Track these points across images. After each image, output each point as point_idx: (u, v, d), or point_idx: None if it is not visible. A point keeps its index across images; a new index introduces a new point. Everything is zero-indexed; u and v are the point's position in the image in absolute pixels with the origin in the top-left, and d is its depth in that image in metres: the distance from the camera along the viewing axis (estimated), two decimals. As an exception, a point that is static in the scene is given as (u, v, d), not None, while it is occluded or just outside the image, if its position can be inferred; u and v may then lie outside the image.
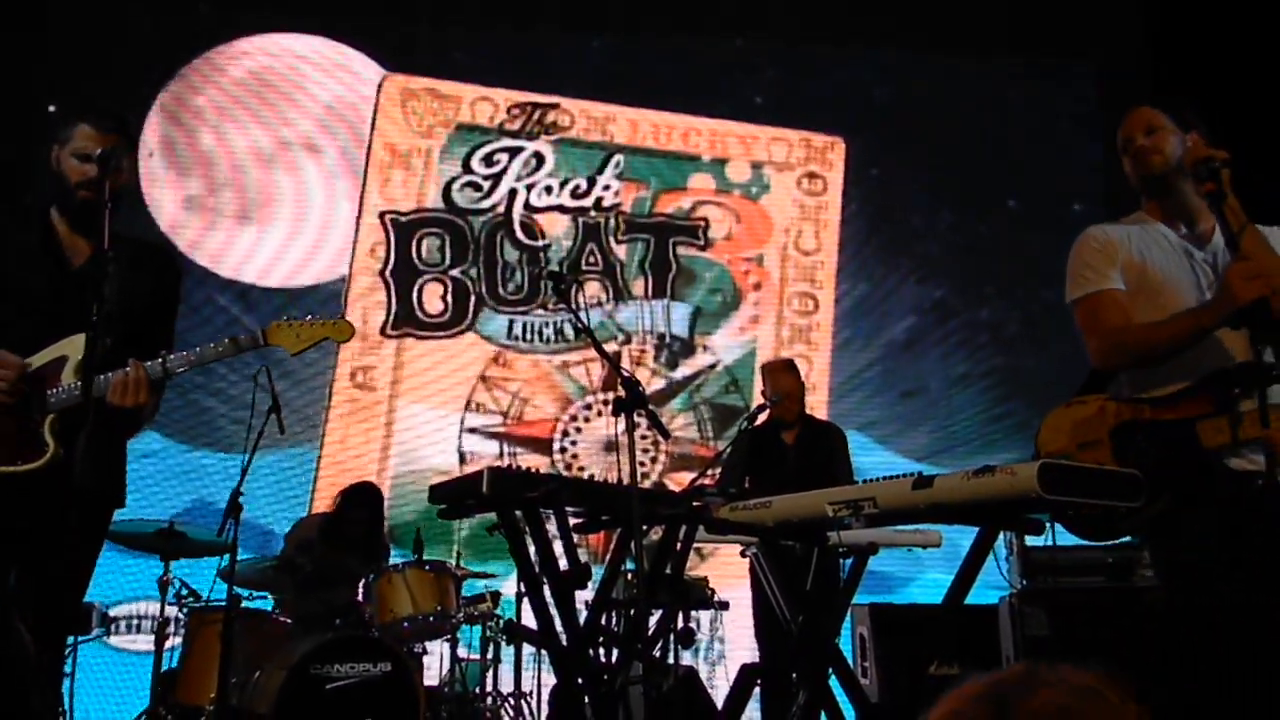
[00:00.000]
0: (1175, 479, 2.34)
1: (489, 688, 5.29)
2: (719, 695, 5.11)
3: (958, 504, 2.50)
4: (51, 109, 5.93)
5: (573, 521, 3.24)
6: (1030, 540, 4.55)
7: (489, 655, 5.31)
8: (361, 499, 5.31)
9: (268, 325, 2.70)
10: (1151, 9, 7.59)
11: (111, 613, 5.76)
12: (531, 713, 5.31)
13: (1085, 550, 4.65)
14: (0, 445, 2.46)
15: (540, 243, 6.93)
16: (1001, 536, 3.09)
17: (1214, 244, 2.52)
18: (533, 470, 3.03)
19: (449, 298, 6.77)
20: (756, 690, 3.69)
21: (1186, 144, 2.53)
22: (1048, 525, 2.64)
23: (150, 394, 2.53)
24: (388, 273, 6.73)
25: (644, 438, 6.02)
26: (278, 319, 2.74)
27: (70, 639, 4.35)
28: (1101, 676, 0.88)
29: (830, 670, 3.05)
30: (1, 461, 2.46)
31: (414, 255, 6.78)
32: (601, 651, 3.17)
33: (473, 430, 6.61)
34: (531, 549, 3.12)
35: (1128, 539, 2.92)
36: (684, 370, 6.92)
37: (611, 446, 6.36)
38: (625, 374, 3.08)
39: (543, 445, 6.66)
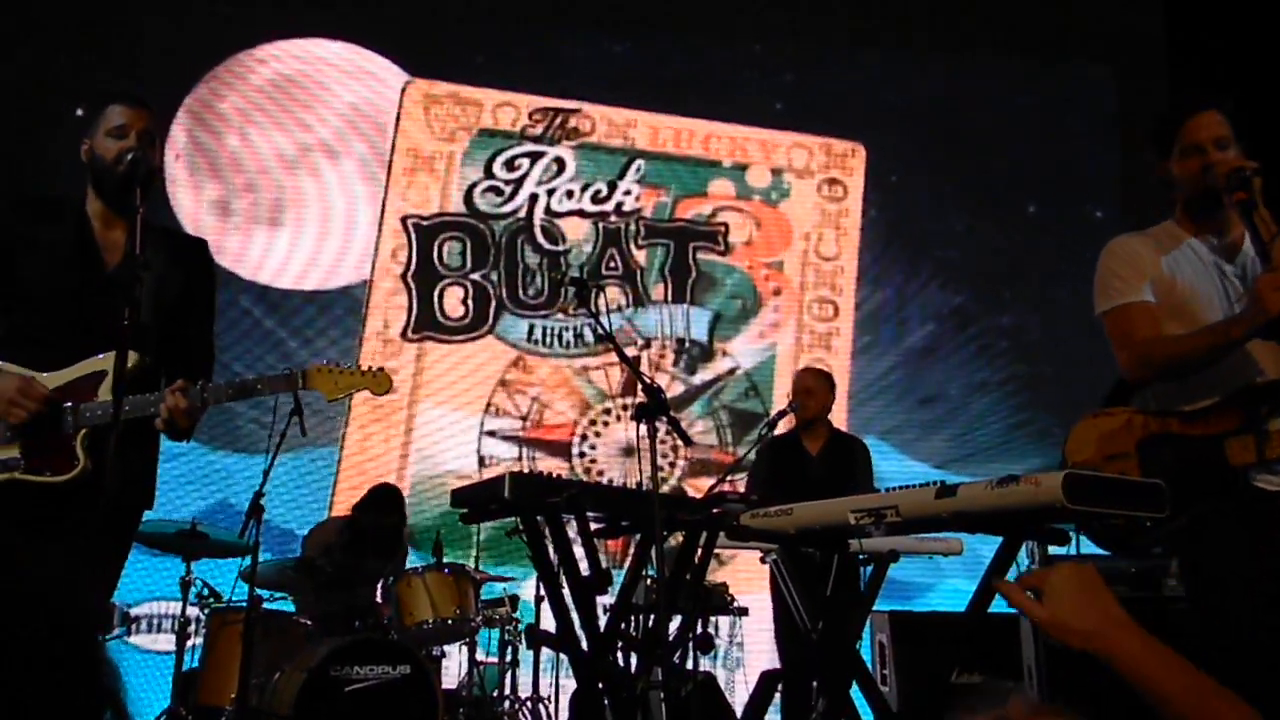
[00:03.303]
0: (1201, 495, 2.31)
1: (507, 691, 5.30)
2: (738, 701, 5.11)
3: (981, 513, 2.49)
4: (79, 112, 5.98)
5: (593, 526, 3.25)
6: (1053, 549, 4.52)
7: (508, 659, 5.32)
8: (388, 504, 5.30)
9: (308, 367, 2.71)
10: (1172, 14, 7.56)
11: (133, 612, 5.80)
12: (550, 717, 5.31)
13: (1109, 560, 4.62)
14: (34, 457, 2.49)
15: (561, 247, 6.95)
16: (1025, 545, 3.08)
17: (1243, 255, 2.48)
18: (554, 475, 3.04)
19: (469, 302, 6.79)
20: (777, 697, 3.68)
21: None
22: (1073, 536, 2.62)
23: (193, 419, 2.56)
24: (409, 276, 6.76)
25: (663, 442, 6.03)
26: (321, 361, 2.75)
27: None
28: None
29: (851, 677, 3.04)
30: (34, 472, 2.49)
31: (435, 259, 6.80)
32: (621, 657, 3.17)
33: (492, 434, 6.63)
34: (552, 553, 3.14)
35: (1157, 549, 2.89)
36: (703, 375, 6.92)
37: (630, 451, 6.38)
38: (647, 381, 3.08)
39: (562, 449, 6.67)
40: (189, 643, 4.61)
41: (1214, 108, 2.53)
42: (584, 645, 3.09)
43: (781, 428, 5.07)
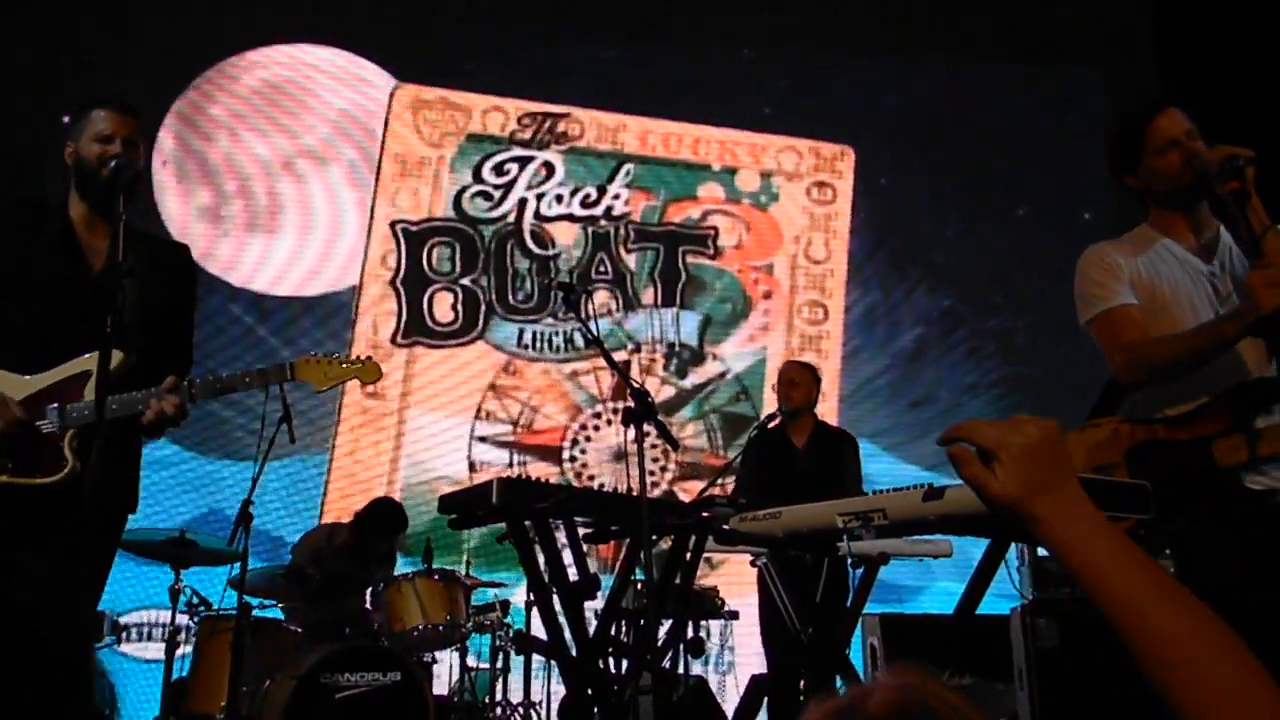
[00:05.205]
0: (1190, 499, 2.31)
1: (498, 697, 5.28)
2: (729, 705, 5.10)
3: (968, 516, 2.49)
4: (66, 119, 5.96)
5: (582, 531, 3.24)
6: (1042, 550, 4.53)
7: (498, 664, 5.31)
8: (394, 523, 5.22)
9: (296, 359, 2.69)
10: (1160, 16, 7.59)
11: (123, 620, 5.76)
12: (541, 722, 5.31)
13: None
14: (22, 459, 2.48)
15: (550, 252, 6.95)
16: (1013, 546, 3.08)
17: (1221, 251, 2.48)
18: (542, 480, 3.04)
19: (459, 307, 6.78)
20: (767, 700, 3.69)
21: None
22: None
23: (183, 416, 2.56)
24: (398, 282, 6.75)
25: (653, 446, 6.02)
26: (308, 354, 2.72)
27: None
28: (933, 679, 0.90)
29: (841, 680, 3.04)
30: (22, 474, 2.47)
31: (424, 264, 6.80)
32: (611, 661, 3.17)
33: (483, 439, 6.62)
34: (541, 559, 3.13)
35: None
36: (693, 379, 6.92)
37: (621, 455, 6.38)
38: (635, 385, 3.09)
39: (552, 454, 6.67)
40: (179, 651, 4.58)
41: (1177, 108, 2.52)
42: (573, 651, 3.08)
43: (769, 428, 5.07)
